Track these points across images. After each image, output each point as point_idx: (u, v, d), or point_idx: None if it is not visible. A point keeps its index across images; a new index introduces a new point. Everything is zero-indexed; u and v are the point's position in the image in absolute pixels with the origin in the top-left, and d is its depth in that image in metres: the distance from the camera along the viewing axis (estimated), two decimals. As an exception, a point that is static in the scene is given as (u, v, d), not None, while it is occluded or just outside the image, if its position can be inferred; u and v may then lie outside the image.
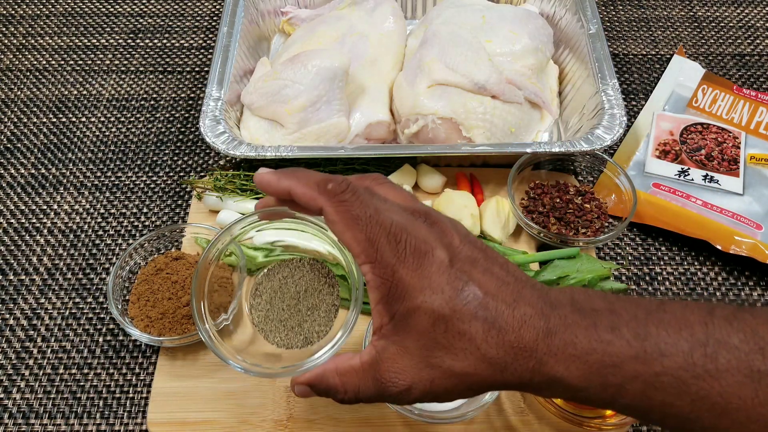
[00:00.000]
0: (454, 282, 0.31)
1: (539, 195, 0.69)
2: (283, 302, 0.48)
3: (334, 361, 0.36)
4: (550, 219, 0.67)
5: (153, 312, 0.58)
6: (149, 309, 0.58)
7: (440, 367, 0.31)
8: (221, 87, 0.72)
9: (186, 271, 0.60)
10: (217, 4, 0.94)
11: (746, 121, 0.78)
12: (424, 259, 0.32)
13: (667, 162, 0.74)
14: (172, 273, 0.60)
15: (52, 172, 0.76)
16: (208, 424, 0.56)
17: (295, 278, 0.48)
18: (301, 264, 0.49)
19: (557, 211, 0.67)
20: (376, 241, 0.32)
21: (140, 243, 0.62)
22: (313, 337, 0.47)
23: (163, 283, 0.59)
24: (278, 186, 0.37)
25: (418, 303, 0.31)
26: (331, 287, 0.48)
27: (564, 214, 0.67)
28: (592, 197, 0.68)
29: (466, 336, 0.31)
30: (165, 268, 0.61)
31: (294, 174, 0.37)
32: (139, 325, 0.58)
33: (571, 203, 0.68)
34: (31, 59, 0.87)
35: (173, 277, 0.60)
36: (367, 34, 0.77)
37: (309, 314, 0.47)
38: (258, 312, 0.48)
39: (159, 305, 0.58)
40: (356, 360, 0.34)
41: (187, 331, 0.58)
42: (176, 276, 0.60)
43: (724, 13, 0.93)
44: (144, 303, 0.59)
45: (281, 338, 0.47)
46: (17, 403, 0.60)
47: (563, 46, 0.81)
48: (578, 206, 0.67)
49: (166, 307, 0.58)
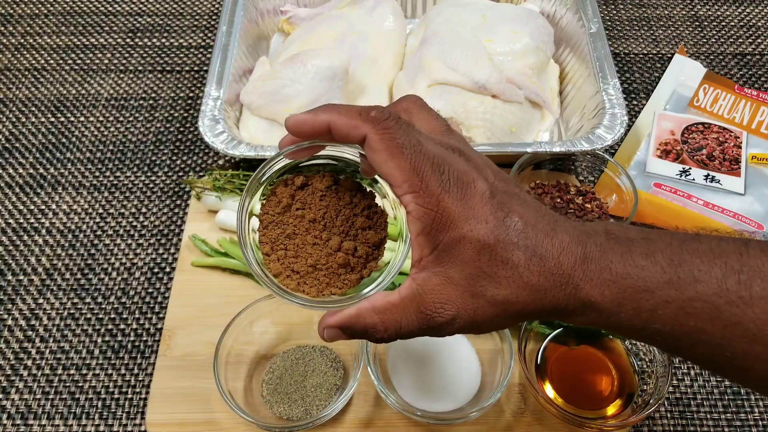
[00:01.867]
0: (496, 212, 0.31)
1: (540, 195, 0.68)
2: (292, 378, 0.56)
3: (369, 300, 0.35)
4: None
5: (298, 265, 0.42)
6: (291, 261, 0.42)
7: (484, 296, 0.32)
8: (220, 86, 0.71)
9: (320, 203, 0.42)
10: (217, 3, 0.94)
11: (747, 120, 0.78)
12: (467, 189, 0.32)
13: (669, 162, 0.74)
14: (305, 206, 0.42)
15: (51, 171, 0.76)
16: (207, 424, 0.56)
17: (306, 360, 0.57)
18: (312, 350, 0.58)
19: (558, 210, 0.67)
20: (420, 170, 0.31)
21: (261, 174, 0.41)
22: (313, 410, 0.54)
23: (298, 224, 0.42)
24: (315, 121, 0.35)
25: (464, 232, 0.31)
26: (336, 370, 0.57)
27: (565, 214, 0.66)
28: (593, 197, 0.68)
29: (509, 264, 0.31)
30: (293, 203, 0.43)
31: (331, 107, 0.35)
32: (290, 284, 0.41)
33: (572, 203, 0.67)
34: (30, 58, 0.87)
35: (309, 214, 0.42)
36: (366, 33, 0.77)
37: (312, 390, 0.55)
38: (268, 386, 0.56)
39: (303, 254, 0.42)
40: (395, 296, 0.34)
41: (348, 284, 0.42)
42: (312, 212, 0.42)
43: (725, 12, 0.92)
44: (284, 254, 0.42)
45: (284, 408, 0.55)
46: (16, 404, 0.59)
47: (564, 46, 0.81)
48: (579, 206, 0.67)
49: (314, 257, 0.41)
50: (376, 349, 0.56)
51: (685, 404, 0.60)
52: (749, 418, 0.59)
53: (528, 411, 0.57)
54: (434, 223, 0.32)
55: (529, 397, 0.57)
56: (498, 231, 0.31)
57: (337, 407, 0.53)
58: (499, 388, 0.52)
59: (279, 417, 0.55)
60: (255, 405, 0.55)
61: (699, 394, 0.61)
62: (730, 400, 0.60)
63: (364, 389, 0.57)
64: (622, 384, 0.56)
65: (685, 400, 0.60)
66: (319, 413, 0.53)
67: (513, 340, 0.54)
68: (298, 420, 0.54)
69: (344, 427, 0.56)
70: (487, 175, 0.34)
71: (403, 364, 0.56)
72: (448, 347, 0.58)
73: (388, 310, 0.34)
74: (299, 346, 0.59)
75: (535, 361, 0.58)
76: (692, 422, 0.59)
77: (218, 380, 0.53)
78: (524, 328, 0.56)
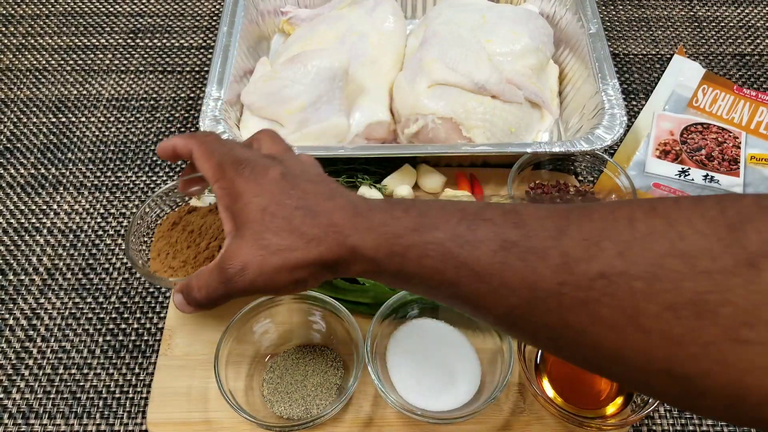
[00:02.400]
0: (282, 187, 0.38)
1: (539, 195, 0.69)
2: (292, 377, 0.57)
3: None
4: None
5: (174, 262, 0.57)
6: (170, 260, 0.57)
7: (268, 247, 0.37)
8: (221, 87, 0.72)
9: (201, 220, 0.59)
10: (217, 3, 0.94)
11: (746, 120, 0.78)
12: (260, 174, 0.39)
13: (668, 162, 0.74)
14: (188, 224, 0.59)
15: (52, 172, 0.76)
16: (208, 424, 0.56)
17: (306, 360, 0.58)
18: (313, 350, 0.59)
19: None
20: (223, 166, 0.40)
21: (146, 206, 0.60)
22: (313, 409, 0.55)
23: (180, 235, 0.58)
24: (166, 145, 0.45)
25: (250, 199, 0.38)
26: (336, 370, 0.58)
27: None
28: (593, 197, 0.68)
29: (288, 219, 0.37)
30: (180, 222, 0.60)
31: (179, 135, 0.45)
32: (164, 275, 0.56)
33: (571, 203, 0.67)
34: (31, 59, 0.87)
35: (189, 227, 0.59)
36: (367, 33, 0.77)
37: (313, 390, 0.56)
38: (269, 385, 0.57)
39: (179, 255, 0.57)
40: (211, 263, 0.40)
41: None
42: (192, 226, 0.59)
43: (724, 13, 0.92)
44: (165, 256, 0.58)
45: (285, 408, 0.56)
46: (17, 404, 0.60)
47: (563, 46, 0.81)
48: None
49: (186, 255, 0.57)
50: (376, 348, 0.56)
51: (684, 403, 0.60)
52: (748, 417, 0.59)
53: (527, 410, 0.57)
54: (230, 198, 0.39)
55: (528, 396, 0.57)
56: (280, 198, 0.38)
57: (338, 407, 0.53)
58: (499, 388, 0.52)
59: (279, 416, 0.55)
60: (256, 404, 0.55)
61: (698, 394, 0.61)
62: (729, 400, 0.60)
63: (364, 388, 0.58)
64: (621, 383, 0.56)
65: (684, 400, 0.60)
66: (320, 413, 0.53)
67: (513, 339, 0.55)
68: (299, 419, 0.54)
69: (344, 426, 0.56)
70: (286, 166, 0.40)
71: (403, 363, 0.57)
72: (448, 346, 0.58)
73: (203, 273, 0.40)
74: (300, 346, 0.59)
75: (535, 361, 0.58)
76: (691, 421, 0.59)
77: (219, 380, 0.53)
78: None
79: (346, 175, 0.71)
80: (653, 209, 0.29)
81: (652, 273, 0.27)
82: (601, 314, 0.29)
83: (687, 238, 0.27)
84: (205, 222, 0.59)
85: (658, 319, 0.27)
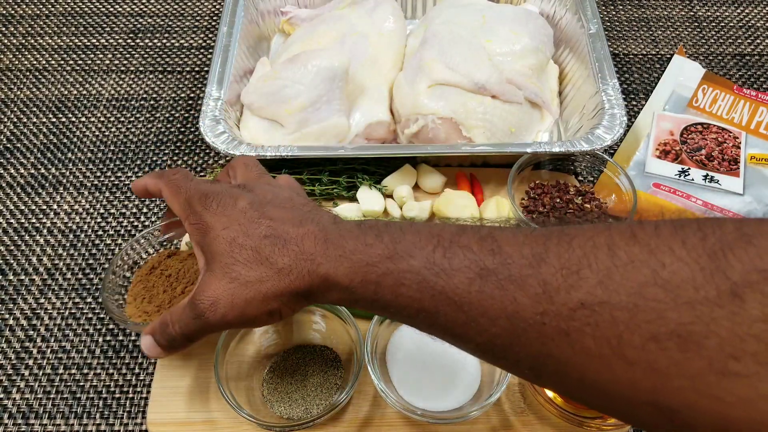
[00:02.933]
0: (250, 217, 0.38)
1: (539, 195, 0.69)
2: (292, 377, 0.57)
3: None
4: (550, 219, 0.66)
5: (149, 307, 0.57)
6: (145, 305, 0.57)
7: (238, 279, 0.37)
8: (221, 87, 0.72)
9: (180, 265, 0.59)
10: (217, 3, 0.94)
11: (746, 121, 0.78)
12: (228, 206, 0.39)
13: (668, 162, 0.74)
14: (166, 269, 0.59)
15: (52, 172, 0.76)
16: (208, 424, 0.56)
17: (306, 360, 0.58)
18: (313, 350, 0.59)
19: (557, 211, 0.67)
20: (191, 201, 0.40)
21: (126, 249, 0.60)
22: (313, 409, 0.55)
23: (157, 280, 0.59)
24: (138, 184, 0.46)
25: (219, 233, 0.38)
26: (336, 370, 0.58)
27: (564, 214, 0.67)
28: (593, 197, 0.68)
29: (256, 250, 0.37)
30: (158, 266, 0.60)
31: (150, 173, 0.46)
32: (137, 320, 0.56)
33: (571, 203, 0.68)
34: (31, 59, 0.87)
35: (167, 272, 0.59)
36: (367, 33, 0.77)
37: (313, 390, 0.56)
38: (269, 385, 0.57)
39: (155, 299, 0.57)
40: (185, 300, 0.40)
41: None
42: (170, 270, 0.59)
43: (724, 13, 0.92)
44: (140, 301, 0.58)
45: (284, 408, 0.55)
46: (17, 404, 0.60)
47: (563, 46, 0.81)
48: (578, 206, 0.67)
49: (161, 300, 0.57)
50: (376, 348, 0.56)
51: (684, 403, 0.60)
52: (748, 417, 0.59)
53: (528, 410, 0.57)
54: (200, 233, 0.39)
55: (528, 396, 0.57)
56: (248, 228, 0.38)
57: (336, 408, 0.53)
58: (500, 387, 0.52)
59: (279, 416, 0.55)
60: (256, 404, 0.55)
61: (698, 394, 0.61)
62: (728, 400, 0.60)
63: (364, 388, 0.58)
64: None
65: (684, 400, 0.60)
66: (320, 413, 0.53)
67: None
68: (299, 419, 0.54)
69: (344, 426, 0.56)
70: (255, 194, 0.40)
71: (402, 363, 0.57)
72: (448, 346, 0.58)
73: (177, 309, 0.40)
74: (300, 346, 0.59)
75: (535, 361, 0.58)
76: (691, 421, 0.59)
77: (219, 379, 0.53)
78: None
79: (346, 175, 0.71)
80: (633, 236, 0.28)
81: (633, 303, 0.27)
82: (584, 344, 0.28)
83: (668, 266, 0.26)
84: (184, 266, 0.59)
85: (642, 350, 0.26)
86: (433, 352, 0.58)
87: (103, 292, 0.55)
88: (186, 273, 0.58)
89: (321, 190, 0.70)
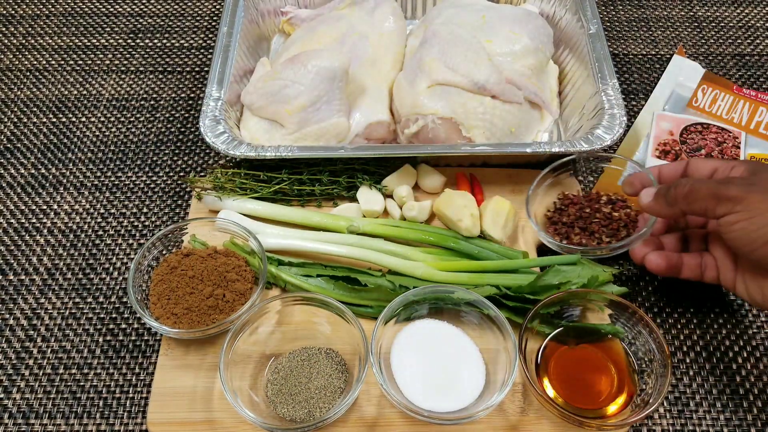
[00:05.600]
0: None
1: (567, 206, 0.66)
2: (297, 379, 0.57)
3: None
4: (574, 229, 0.64)
5: (177, 308, 0.58)
6: (172, 306, 0.58)
7: None
8: (221, 87, 0.72)
9: (201, 265, 0.61)
10: (217, 4, 0.94)
11: (746, 121, 0.78)
12: None
13: (668, 162, 0.74)
14: (187, 269, 0.61)
15: (52, 172, 0.76)
16: (208, 424, 0.56)
17: (311, 362, 0.58)
18: (318, 351, 0.58)
19: (583, 220, 0.65)
20: None
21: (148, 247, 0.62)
22: (316, 412, 0.55)
23: (180, 280, 0.60)
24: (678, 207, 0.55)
25: None
26: (340, 373, 0.57)
27: (590, 223, 0.64)
28: (624, 205, 0.65)
29: None
30: (178, 266, 0.61)
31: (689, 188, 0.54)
32: (167, 322, 0.58)
33: (598, 213, 0.65)
34: (31, 59, 0.87)
35: (189, 273, 0.60)
36: (367, 34, 0.77)
37: (316, 392, 0.56)
38: (273, 386, 0.57)
39: (182, 301, 0.58)
40: None
41: (216, 321, 0.58)
42: (192, 271, 0.60)
43: (724, 13, 0.93)
44: (166, 302, 0.59)
45: (288, 409, 0.55)
46: (17, 403, 0.60)
47: (563, 46, 0.81)
48: (606, 215, 0.64)
49: (189, 302, 0.58)
50: (380, 349, 0.56)
51: (683, 403, 0.60)
52: (747, 417, 0.60)
53: (529, 410, 0.57)
54: None
55: (529, 396, 0.57)
56: None
57: (340, 411, 0.53)
58: (505, 388, 0.52)
59: (282, 418, 0.55)
60: (259, 405, 0.55)
61: (698, 394, 0.61)
62: (728, 399, 0.60)
63: (368, 389, 0.58)
64: (621, 383, 0.56)
65: (684, 399, 0.60)
66: (322, 416, 0.53)
67: (513, 339, 0.55)
68: (301, 422, 0.54)
69: (348, 426, 0.56)
70: None
71: (407, 364, 0.57)
72: (452, 347, 0.58)
73: None
74: (305, 348, 0.59)
75: (535, 361, 0.58)
76: (691, 421, 0.59)
77: (223, 379, 0.53)
78: (524, 327, 0.56)
79: (346, 175, 0.71)
80: None
81: None
82: None
83: None
84: (206, 267, 0.60)
85: None
86: (438, 353, 0.58)
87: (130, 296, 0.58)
88: (210, 275, 0.60)
89: (321, 190, 0.70)
